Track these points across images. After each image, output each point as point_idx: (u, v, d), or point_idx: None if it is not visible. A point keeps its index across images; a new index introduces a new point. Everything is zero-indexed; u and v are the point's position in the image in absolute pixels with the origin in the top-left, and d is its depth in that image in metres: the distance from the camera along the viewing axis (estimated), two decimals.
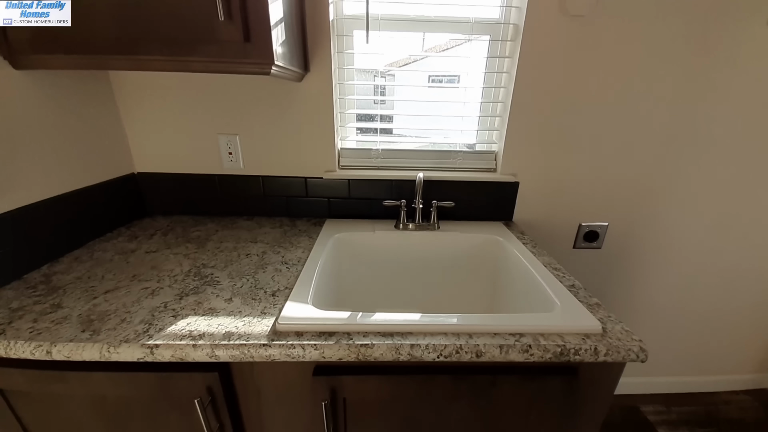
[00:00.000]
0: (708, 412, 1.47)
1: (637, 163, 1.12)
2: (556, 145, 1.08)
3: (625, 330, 0.62)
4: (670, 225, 1.21)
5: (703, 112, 1.05)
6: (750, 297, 1.36)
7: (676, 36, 0.96)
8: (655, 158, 1.11)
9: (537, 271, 0.80)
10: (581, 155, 1.10)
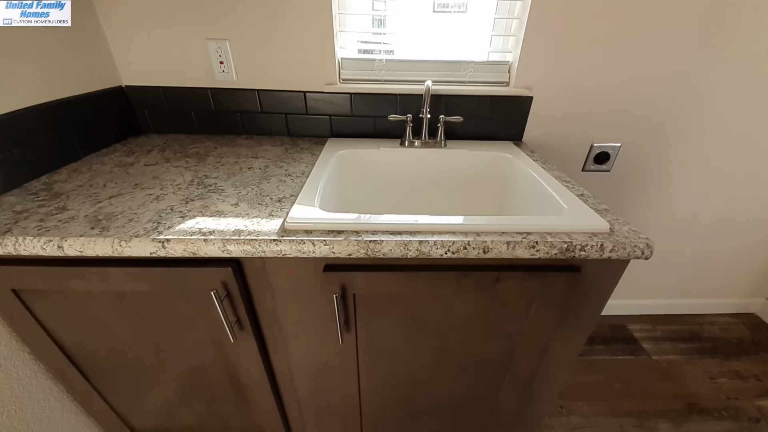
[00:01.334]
0: (692, 330, 1.57)
1: (656, 81, 1.04)
2: (575, 57, 0.99)
3: (633, 230, 0.62)
4: (683, 149, 1.17)
5: (732, 30, 0.95)
6: (748, 226, 1.37)
7: None
8: (675, 77, 1.03)
9: (546, 182, 0.79)
10: (599, 70, 1.02)
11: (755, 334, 1.56)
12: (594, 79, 1.03)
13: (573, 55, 0.99)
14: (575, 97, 1.06)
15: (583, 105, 1.07)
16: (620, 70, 1.02)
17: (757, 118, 1.12)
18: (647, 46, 0.98)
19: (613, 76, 1.03)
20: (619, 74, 1.03)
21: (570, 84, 1.04)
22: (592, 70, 1.02)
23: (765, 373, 1.38)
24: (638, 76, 1.03)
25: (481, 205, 0.99)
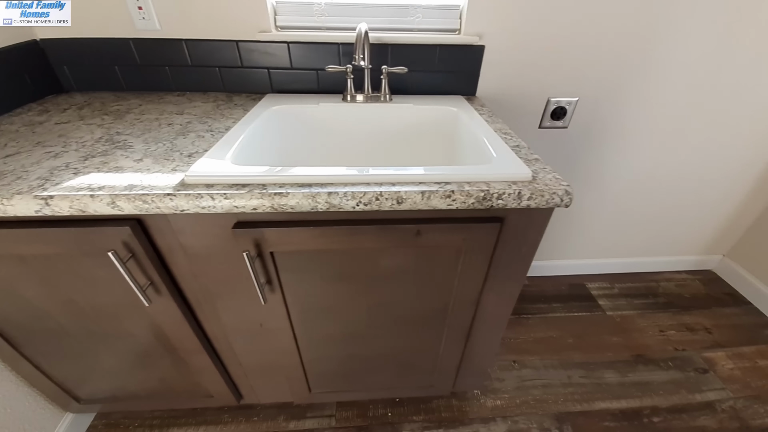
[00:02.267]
0: (648, 287, 1.61)
1: (613, 31, 0.98)
2: (528, 2, 0.92)
3: (556, 178, 0.60)
4: (641, 104, 1.13)
5: None
6: (706, 183, 1.37)
7: None
8: (632, 27, 0.97)
9: (485, 134, 0.75)
10: (555, 18, 0.95)
11: (710, 290, 1.61)
12: (549, 28, 0.97)
13: (532, 2, 0.92)
14: (530, 47, 1.00)
15: (538, 56, 1.01)
16: (576, 19, 0.96)
17: (714, 70, 1.08)
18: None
19: (568, 25, 0.97)
20: (575, 23, 0.96)
21: (524, 32, 0.97)
22: (547, 18, 0.95)
23: (716, 326, 1.44)
24: (595, 25, 0.97)
25: (428, 161, 0.95)
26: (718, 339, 1.38)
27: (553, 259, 1.60)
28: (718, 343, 1.37)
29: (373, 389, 0.99)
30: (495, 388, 1.20)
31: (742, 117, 1.19)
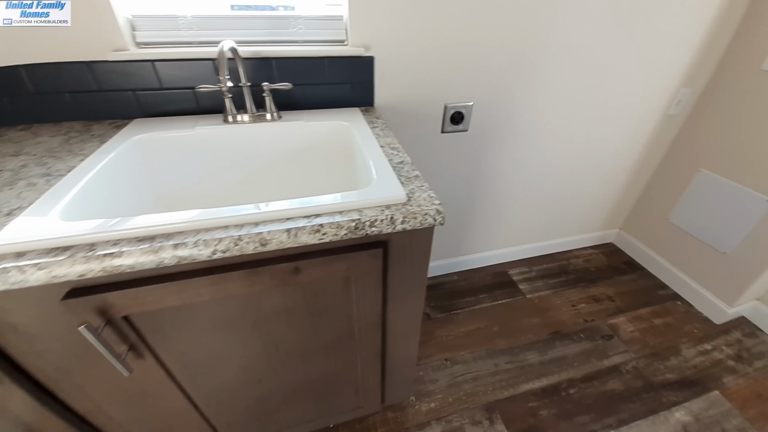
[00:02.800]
0: (561, 266, 1.76)
1: (498, 37, 1.02)
2: (415, 11, 0.92)
3: (430, 197, 0.59)
4: (532, 101, 1.21)
5: None
6: (597, 168, 1.52)
7: None
8: (516, 33, 1.03)
9: (371, 151, 0.73)
10: (442, 25, 0.96)
11: (611, 261, 1.81)
12: (437, 39, 0.98)
13: (413, 9, 0.92)
14: (421, 56, 1.00)
15: (430, 65, 1.02)
16: (461, 29, 0.98)
17: (594, 66, 1.18)
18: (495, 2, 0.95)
19: (455, 35, 0.99)
20: (461, 34, 0.99)
21: (412, 43, 0.97)
22: (434, 30, 0.96)
23: (617, 293, 1.62)
24: (480, 34, 1.00)
25: (326, 184, 0.91)
26: (620, 305, 1.55)
27: (479, 252, 1.68)
28: (620, 309, 1.54)
29: (299, 424, 0.94)
30: (429, 390, 1.22)
31: (618, 106, 1.33)
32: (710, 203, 1.41)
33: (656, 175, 1.63)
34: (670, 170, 1.56)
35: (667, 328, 1.45)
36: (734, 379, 1.26)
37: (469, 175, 1.34)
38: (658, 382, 1.26)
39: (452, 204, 1.41)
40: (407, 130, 1.14)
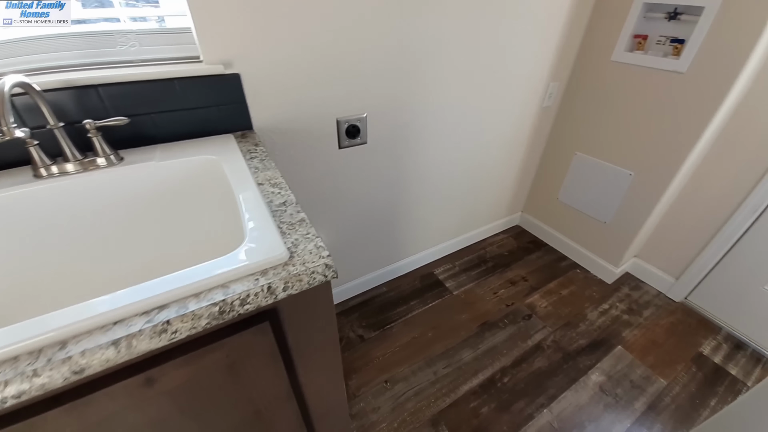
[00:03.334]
0: (479, 256, 1.84)
1: (382, 46, 0.97)
2: (285, 20, 0.81)
3: (317, 247, 0.50)
4: (425, 104, 1.20)
5: None
6: (493, 158, 1.61)
7: None
8: (399, 40, 0.98)
9: (246, 193, 0.60)
10: (314, 38, 0.87)
11: (519, 242, 1.96)
12: (312, 51, 0.88)
13: (277, 20, 0.80)
14: (300, 68, 0.89)
15: (312, 77, 0.92)
16: (339, 41, 0.90)
17: (474, 69, 1.21)
18: (366, 4, 0.87)
19: (333, 47, 0.90)
20: (339, 45, 0.90)
21: (288, 54, 0.86)
22: (306, 41, 0.86)
23: (529, 273, 1.75)
24: (358, 44, 0.93)
25: (184, 244, 0.73)
26: (533, 283, 1.68)
27: (405, 258, 1.65)
28: (533, 287, 1.66)
29: None
30: (373, 421, 1.14)
31: (501, 104, 1.41)
32: (588, 181, 1.60)
33: (543, 161, 1.80)
34: (553, 155, 1.73)
35: (572, 296, 1.61)
36: (631, 331, 1.45)
37: (380, 185, 1.29)
38: (574, 350, 1.38)
39: (368, 217, 1.35)
40: (301, 151, 1.02)
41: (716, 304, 1.47)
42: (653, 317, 1.52)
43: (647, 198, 1.40)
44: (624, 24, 1.27)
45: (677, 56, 1.16)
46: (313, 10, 0.84)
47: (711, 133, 1.22)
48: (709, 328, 1.48)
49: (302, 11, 0.82)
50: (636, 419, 1.16)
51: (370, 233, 1.41)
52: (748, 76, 1.09)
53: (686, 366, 1.32)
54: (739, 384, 1.27)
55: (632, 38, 1.27)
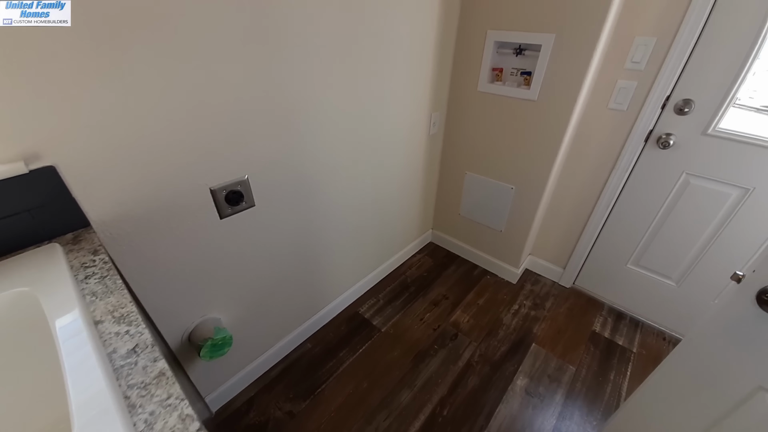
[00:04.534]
0: (401, 282, 1.84)
1: (254, 91, 0.87)
2: (107, 83, 0.64)
3: (184, 419, 0.38)
4: (315, 155, 1.13)
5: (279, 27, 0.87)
6: (396, 189, 1.63)
7: None
8: (272, 85, 0.90)
9: (72, 346, 0.44)
10: (167, 88, 0.72)
11: (435, 259, 2.03)
12: (161, 114, 0.73)
13: (104, 88, 0.64)
14: (146, 142, 0.73)
15: (164, 149, 0.77)
16: (193, 98, 0.77)
17: (362, 111, 1.19)
18: (224, 58, 0.75)
19: (186, 104, 0.76)
20: (194, 101, 0.77)
21: (126, 129, 0.69)
22: (150, 100, 0.71)
23: (448, 288, 1.81)
24: (223, 97, 0.81)
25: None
26: (453, 299, 1.75)
27: (326, 305, 1.54)
28: (454, 303, 1.72)
29: None
30: None
31: (393, 137, 1.43)
32: (480, 196, 1.73)
33: (441, 181, 1.90)
34: (448, 176, 1.84)
35: (488, 303, 1.72)
36: (539, 325, 1.61)
37: (280, 243, 1.17)
38: (498, 358, 1.46)
39: (274, 278, 1.21)
40: (168, 233, 0.85)
41: (596, 284, 1.73)
42: (554, 307, 1.71)
43: (528, 206, 1.57)
44: (482, 59, 1.40)
45: (528, 86, 1.33)
46: (151, 70, 0.70)
47: (566, 147, 1.43)
48: (595, 305, 1.73)
49: (135, 73, 0.68)
50: (559, 413, 1.27)
51: (280, 294, 1.27)
52: (583, 100, 1.31)
53: (586, 347, 1.52)
54: (628, 352, 1.50)
55: (491, 71, 1.42)
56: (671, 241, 1.42)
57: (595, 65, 1.21)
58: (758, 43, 1.03)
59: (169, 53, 0.71)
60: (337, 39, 1.01)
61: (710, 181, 1.25)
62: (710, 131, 1.19)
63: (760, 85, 2.09)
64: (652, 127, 1.28)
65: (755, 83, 1.79)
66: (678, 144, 1.26)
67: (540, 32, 1.22)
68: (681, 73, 1.16)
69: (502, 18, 1.30)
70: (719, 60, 1.10)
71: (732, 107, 1.15)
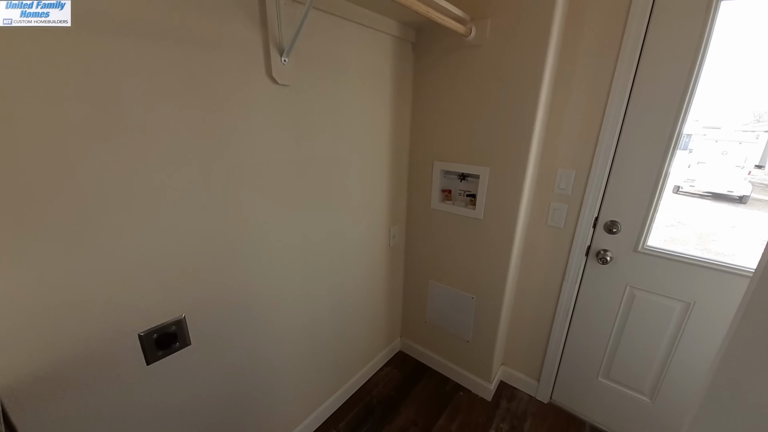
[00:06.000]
0: (366, 405, 1.67)
1: (193, 225, 0.90)
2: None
3: None
4: (264, 280, 1.12)
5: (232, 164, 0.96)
6: (358, 301, 1.60)
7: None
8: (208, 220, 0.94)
9: None
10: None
11: (404, 372, 1.89)
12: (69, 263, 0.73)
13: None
14: (45, 290, 0.71)
15: (71, 295, 0.75)
16: (111, 240, 0.78)
17: (324, 226, 1.24)
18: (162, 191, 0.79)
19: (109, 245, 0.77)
20: (111, 242, 0.78)
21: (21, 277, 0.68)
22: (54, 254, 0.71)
23: (417, 411, 1.63)
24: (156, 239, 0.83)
25: None
26: (422, 425, 1.57)
27: None
28: (424, 431, 1.55)
29: None
30: None
31: (355, 248, 1.46)
32: (445, 304, 1.72)
33: (405, 289, 1.90)
34: (412, 284, 1.85)
35: (462, 428, 1.56)
36: None
37: (224, 380, 1.07)
38: None
39: (214, 421, 1.07)
40: (84, 400, 0.77)
41: (573, 398, 1.62)
42: (533, 429, 1.56)
43: (491, 316, 1.56)
44: (432, 182, 1.55)
45: (474, 206, 1.45)
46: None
47: (516, 259, 1.49)
48: (576, 424, 1.59)
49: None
50: None
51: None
52: (523, 218, 1.42)
53: None
54: None
55: (441, 191, 1.56)
56: (633, 354, 1.39)
57: (527, 191, 1.35)
58: (663, 174, 1.18)
59: (82, 214, 0.74)
60: (287, 174, 1.10)
61: (653, 295, 1.30)
62: (640, 249, 1.28)
63: (697, 175, 2.36)
64: (590, 243, 1.37)
65: (692, 173, 2.05)
66: (616, 259, 1.34)
67: (477, 165, 1.39)
68: (602, 198, 1.31)
69: (444, 152, 1.48)
70: (633, 186, 1.25)
71: (654, 228, 1.27)
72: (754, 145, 2.25)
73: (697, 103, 1.12)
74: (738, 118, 1.97)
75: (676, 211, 2.48)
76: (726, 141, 2.31)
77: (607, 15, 1.14)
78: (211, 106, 0.85)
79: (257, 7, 0.89)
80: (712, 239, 2.52)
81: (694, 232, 2.56)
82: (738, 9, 1.05)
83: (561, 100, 1.28)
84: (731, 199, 2.45)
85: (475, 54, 1.28)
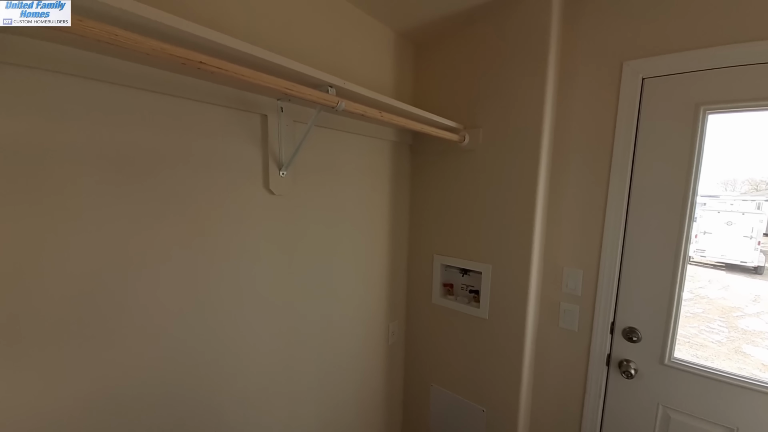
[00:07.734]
0: None
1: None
2: None
3: None
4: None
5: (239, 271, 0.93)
6: (353, 403, 1.42)
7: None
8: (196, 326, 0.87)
9: None
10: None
11: None
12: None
13: None
14: None
15: None
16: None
17: (321, 323, 1.15)
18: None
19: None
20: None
21: None
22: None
23: None
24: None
25: None
26: None
27: None
28: None
29: None
30: None
31: (350, 345, 1.33)
32: (450, 416, 1.50)
33: (405, 393, 1.70)
34: (412, 387, 1.66)
35: None
36: None
37: None
38: None
39: None
40: None
41: None
42: None
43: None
44: (432, 276, 1.49)
45: (478, 304, 1.36)
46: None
47: (529, 365, 1.34)
48: None
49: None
50: None
51: None
52: (533, 319, 1.31)
53: None
54: None
55: (443, 286, 1.49)
56: None
57: (534, 290, 1.27)
58: (678, 277, 1.10)
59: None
60: (278, 281, 1.06)
61: (690, 417, 1.12)
62: (667, 362, 1.14)
63: (706, 245, 2.25)
64: (609, 351, 1.24)
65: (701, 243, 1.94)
66: (641, 373, 1.19)
67: (478, 261, 1.34)
68: (616, 301, 1.21)
69: (445, 247, 1.45)
70: (648, 289, 1.16)
71: (677, 340, 1.15)
72: (757, 215, 2.21)
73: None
74: (735, 186, 1.98)
75: (690, 282, 2.34)
76: (729, 212, 2.29)
77: (597, 123, 1.18)
78: (202, 220, 0.87)
79: (259, 129, 0.95)
80: (737, 315, 2.25)
81: (715, 306, 2.32)
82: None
83: (559, 201, 1.28)
84: (746, 269, 2.28)
85: (470, 157, 1.33)
